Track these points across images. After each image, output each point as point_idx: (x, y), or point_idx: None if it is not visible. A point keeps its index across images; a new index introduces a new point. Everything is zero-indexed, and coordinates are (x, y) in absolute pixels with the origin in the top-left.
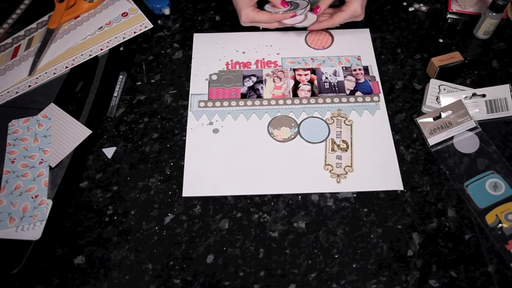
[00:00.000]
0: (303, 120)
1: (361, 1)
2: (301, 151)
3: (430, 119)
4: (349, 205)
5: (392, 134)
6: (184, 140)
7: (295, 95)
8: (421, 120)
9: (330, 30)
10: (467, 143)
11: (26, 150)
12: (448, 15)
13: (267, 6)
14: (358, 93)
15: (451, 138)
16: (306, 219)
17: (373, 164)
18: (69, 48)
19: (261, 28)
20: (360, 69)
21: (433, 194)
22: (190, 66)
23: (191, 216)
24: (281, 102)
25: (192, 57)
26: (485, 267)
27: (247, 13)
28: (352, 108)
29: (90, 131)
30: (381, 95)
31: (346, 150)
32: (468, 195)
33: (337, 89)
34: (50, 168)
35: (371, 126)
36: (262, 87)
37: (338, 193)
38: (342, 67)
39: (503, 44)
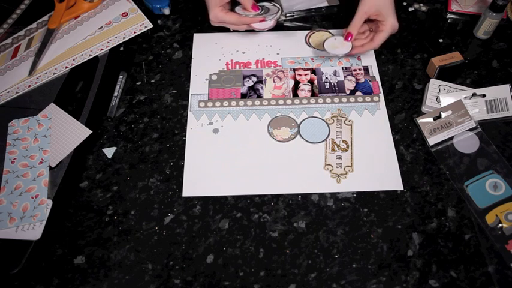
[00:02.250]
0: (303, 120)
1: (393, 13)
2: (301, 151)
3: (430, 119)
4: (349, 205)
5: (393, 134)
6: (184, 140)
7: (295, 95)
8: (421, 120)
9: (331, 30)
10: (467, 143)
11: (26, 150)
12: (448, 15)
13: (237, 8)
14: (358, 93)
15: (451, 138)
16: (306, 219)
17: (373, 164)
18: (69, 48)
19: (231, 30)
20: (360, 69)
21: (433, 194)
22: (190, 66)
23: (191, 216)
24: (281, 102)
25: (192, 57)
26: (485, 267)
27: (216, 13)
28: (352, 108)
29: (90, 131)
30: (381, 95)
31: (346, 150)
32: (468, 195)
33: (337, 89)
34: (50, 168)
35: (371, 126)
36: (262, 87)
37: (338, 193)
38: (342, 67)
39: (503, 44)
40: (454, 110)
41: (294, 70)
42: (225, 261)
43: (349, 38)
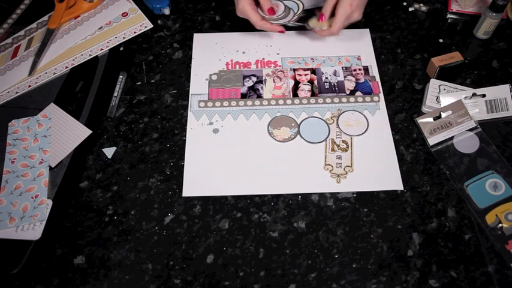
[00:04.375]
0: (303, 120)
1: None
2: (301, 151)
3: (430, 119)
4: (349, 205)
5: (393, 134)
6: (184, 140)
7: (295, 95)
8: (421, 120)
9: None
10: (467, 143)
11: (26, 150)
12: (448, 15)
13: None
14: (358, 93)
15: (451, 138)
16: (306, 219)
17: (373, 164)
18: (69, 48)
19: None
20: (360, 69)
21: (433, 194)
22: (190, 66)
23: (191, 216)
24: (281, 102)
25: (192, 57)
26: (485, 267)
27: (244, 5)
28: (352, 108)
29: (90, 131)
30: (381, 95)
31: (346, 150)
32: (468, 195)
33: (337, 89)
34: (50, 168)
35: (371, 126)
36: (262, 87)
37: (338, 193)
38: (342, 67)
39: (503, 44)
40: (454, 110)
41: (294, 70)
42: (225, 261)
43: (322, 18)
